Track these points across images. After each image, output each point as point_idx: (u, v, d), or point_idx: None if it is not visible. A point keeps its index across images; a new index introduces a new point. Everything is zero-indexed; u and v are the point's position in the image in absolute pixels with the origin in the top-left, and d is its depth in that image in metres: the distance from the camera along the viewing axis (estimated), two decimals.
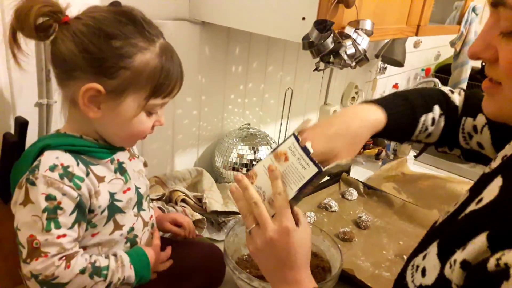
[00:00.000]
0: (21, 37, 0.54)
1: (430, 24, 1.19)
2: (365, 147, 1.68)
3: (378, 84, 1.87)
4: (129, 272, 0.62)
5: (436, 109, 0.69)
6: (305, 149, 0.56)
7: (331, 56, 0.82)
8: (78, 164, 0.57)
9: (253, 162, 1.10)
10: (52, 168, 0.54)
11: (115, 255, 0.62)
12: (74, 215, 0.55)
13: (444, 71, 2.16)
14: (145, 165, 0.72)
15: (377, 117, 0.64)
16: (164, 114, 0.63)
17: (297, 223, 0.57)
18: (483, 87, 0.46)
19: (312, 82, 1.45)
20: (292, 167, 0.58)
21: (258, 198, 0.57)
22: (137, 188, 0.66)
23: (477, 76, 2.18)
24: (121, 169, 0.63)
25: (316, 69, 0.88)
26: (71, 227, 0.55)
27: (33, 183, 0.54)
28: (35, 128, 0.78)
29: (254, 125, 1.27)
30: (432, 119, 0.69)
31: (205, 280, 0.79)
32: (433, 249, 0.46)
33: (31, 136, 0.78)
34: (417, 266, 0.48)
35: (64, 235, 0.55)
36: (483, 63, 0.47)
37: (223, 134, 1.18)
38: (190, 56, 0.99)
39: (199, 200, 0.99)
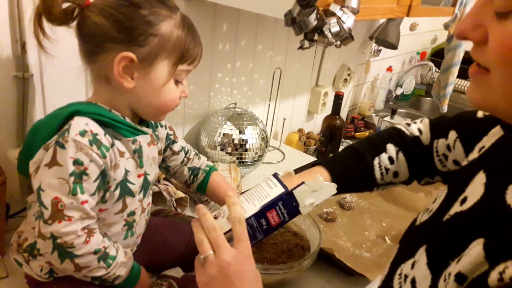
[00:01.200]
0: None
1: (424, 5, 1.17)
2: (356, 130, 1.68)
3: (372, 66, 1.85)
4: (123, 275, 0.63)
5: (390, 147, 0.70)
6: (275, 175, 0.58)
7: (316, 34, 0.81)
8: (105, 134, 0.58)
9: (241, 142, 1.09)
10: (83, 134, 0.55)
11: (126, 253, 0.64)
12: (97, 182, 0.57)
13: (439, 55, 2.13)
14: (160, 153, 0.73)
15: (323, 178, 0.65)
16: None
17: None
18: (469, 72, 0.41)
19: (304, 62, 1.43)
20: (259, 187, 0.59)
21: (215, 224, 0.54)
22: (146, 174, 0.67)
23: (471, 60, 2.15)
24: (140, 152, 0.64)
25: (300, 47, 0.87)
26: (93, 194, 0.57)
27: (62, 146, 0.54)
28: (13, 101, 0.77)
29: (242, 105, 1.26)
30: (388, 158, 0.69)
31: (186, 257, 0.79)
32: (422, 257, 0.44)
33: (11, 109, 0.77)
34: (406, 276, 0.46)
35: (86, 201, 0.56)
36: None
37: (210, 113, 1.17)
38: None
39: None
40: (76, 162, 0.54)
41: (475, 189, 0.43)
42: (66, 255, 0.56)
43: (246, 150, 1.11)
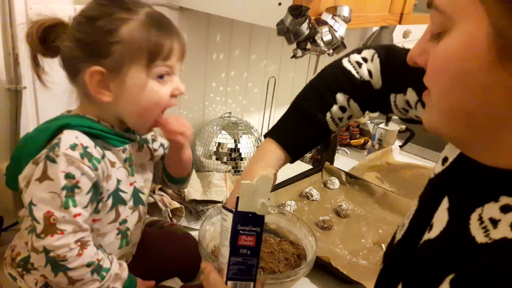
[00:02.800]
0: None
1: (416, 13, 1.18)
2: (351, 137, 1.68)
3: None
4: (118, 287, 0.62)
5: (340, 97, 0.65)
6: (223, 206, 0.59)
7: (308, 42, 0.81)
8: (95, 146, 0.58)
9: (236, 151, 1.09)
10: (73, 147, 0.55)
11: (120, 264, 0.63)
12: (90, 195, 0.57)
13: None
14: (152, 156, 0.72)
15: (276, 156, 0.65)
16: None
17: None
18: (423, 97, 0.41)
19: (298, 71, 1.44)
20: (221, 227, 0.60)
21: (218, 279, 0.58)
22: (135, 182, 0.67)
23: None
24: (130, 160, 0.64)
25: (293, 56, 0.87)
26: (86, 206, 0.57)
27: (53, 160, 0.54)
28: (5, 114, 0.77)
29: (237, 114, 1.26)
30: (340, 108, 0.65)
31: (180, 270, 0.78)
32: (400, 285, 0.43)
33: (4, 122, 0.77)
34: None
35: (79, 214, 0.56)
36: None
37: (204, 122, 1.17)
38: None
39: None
40: (68, 176, 0.54)
41: (441, 215, 0.42)
42: (59, 268, 0.56)
43: (241, 159, 1.11)
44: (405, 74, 0.60)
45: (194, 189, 1.00)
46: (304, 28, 0.75)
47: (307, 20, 0.75)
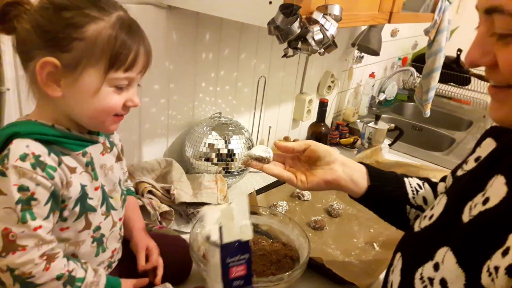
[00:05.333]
0: None
1: (404, 11, 1.18)
2: (341, 136, 1.69)
3: (355, 73, 1.86)
4: None
5: (415, 179, 0.76)
6: (208, 240, 0.57)
7: (299, 41, 0.80)
8: (49, 154, 0.54)
9: (227, 152, 1.08)
10: (23, 158, 0.52)
11: (95, 270, 0.61)
12: (49, 205, 0.54)
13: (420, 60, 2.17)
14: (119, 158, 0.69)
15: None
16: None
17: None
18: (490, 94, 0.46)
19: (288, 70, 1.43)
20: (210, 265, 0.59)
21: None
22: (102, 186, 0.64)
23: (452, 65, 2.20)
24: (92, 164, 0.61)
25: (284, 55, 0.86)
26: (47, 218, 0.54)
27: (3, 174, 0.51)
28: None
29: (227, 114, 1.25)
30: (417, 184, 0.74)
31: (171, 273, 0.76)
32: (448, 258, 0.46)
33: None
34: (431, 279, 0.47)
35: (40, 226, 0.53)
36: (458, 52, 0.47)
37: (194, 123, 1.15)
38: (155, 41, 0.93)
39: (167, 191, 0.97)
40: (21, 189, 0.51)
41: (497, 189, 0.46)
42: (28, 286, 0.53)
43: (232, 160, 1.09)
44: None
45: (184, 191, 0.98)
46: (295, 27, 0.74)
47: (298, 19, 0.74)
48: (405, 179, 0.74)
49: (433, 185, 0.74)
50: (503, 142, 0.54)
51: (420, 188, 0.73)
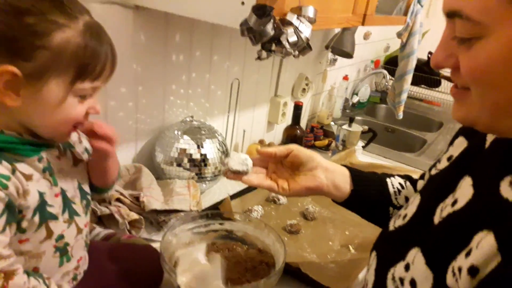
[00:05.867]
0: None
1: (377, 14, 1.19)
2: (315, 138, 1.68)
3: (329, 75, 1.87)
4: None
5: (397, 177, 0.76)
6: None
7: (273, 44, 0.78)
8: (0, 162, 0.50)
9: (199, 157, 1.04)
10: None
11: (59, 287, 0.57)
12: (4, 217, 0.49)
13: (392, 63, 2.21)
14: (77, 161, 0.64)
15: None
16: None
17: None
18: (452, 94, 0.47)
19: (262, 73, 1.41)
20: None
21: None
22: (63, 191, 0.60)
23: (423, 68, 2.25)
24: (49, 169, 0.57)
25: (258, 58, 0.84)
26: (2, 231, 0.49)
27: None
28: None
29: (200, 117, 1.22)
30: (398, 183, 0.74)
31: (140, 284, 0.73)
32: (418, 258, 0.46)
33: None
34: (401, 279, 0.48)
35: None
36: (429, 55, 0.48)
37: (164, 127, 1.11)
38: (121, 43, 0.91)
39: (136, 198, 0.93)
40: None
41: (464, 191, 0.47)
42: None
43: (205, 165, 1.06)
44: None
45: (154, 198, 0.94)
46: (269, 28, 0.72)
47: (272, 20, 0.72)
48: (387, 179, 0.74)
49: (414, 182, 0.74)
50: (473, 141, 0.54)
51: (402, 187, 0.73)
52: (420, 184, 0.71)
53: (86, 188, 0.65)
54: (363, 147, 1.62)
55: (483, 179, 0.46)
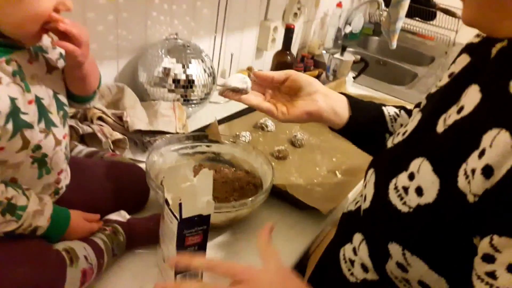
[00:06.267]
0: None
1: None
2: (305, 69, 1.63)
3: (322, 1, 1.76)
4: (43, 224, 0.54)
5: (390, 107, 0.74)
6: (168, 206, 0.55)
7: None
8: None
9: (185, 78, 0.99)
10: None
11: (40, 199, 0.55)
12: None
13: None
14: (51, 67, 0.58)
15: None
16: (71, 17, 0.51)
17: None
18: None
19: None
20: (165, 226, 0.58)
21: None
22: (38, 99, 0.55)
23: None
24: (20, 73, 0.51)
25: None
26: None
27: None
28: None
29: (185, 37, 1.14)
30: (394, 112, 0.73)
31: (126, 202, 0.71)
32: (423, 167, 0.46)
33: None
34: (405, 188, 0.48)
35: None
36: None
37: (148, 45, 1.04)
38: None
39: (120, 118, 0.89)
40: None
41: (471, 97, 0.46)
42: None
43: (191, 87, 1.01)
44: None
45: (138, 119, 0.90)
46: None
47: None
48: (383, 108, 0.73)
49: (409, 112, 0.73)
50: (477, 55, 0.53)
51: (397, 116, 0.72)
52: (416, 111, 0.69)
53: (63, 98, 0.60)
54: (354, 78, 1.58)
55: (491, 84, 0.45)
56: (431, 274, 0.44)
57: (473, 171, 0.40)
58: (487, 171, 0.38)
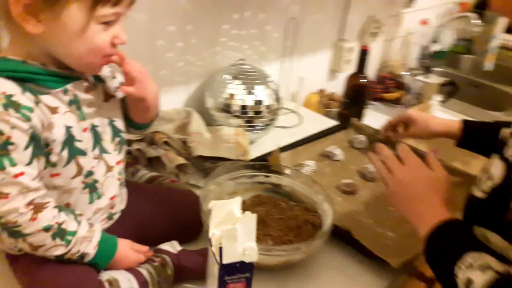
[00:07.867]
0: None
1: None
2: (385, 90, 1.51)
3: (404, 19, 1.64)
4: (91, 251, 0.56)
5: None
6: (210, 241, 0.52)
7: None
8: (23, 92, 0.49)
9: (250, 104, 0.97)
10: None
11: (90, 225, 0.57)
12: (30, 149, 0.49)
13: (483, 6, 1.88)
14: (108, 96, 0.61)
15: None
16: (142, 45, 0.55)
17: None
18: None
19: (325, 13, 1.26)
20: (209, 266, 0.55)
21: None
22: (93, 127, 0.58)
23: None
24: (77, 102, 0.55)
25: None
26: (29, 163, 0.50)
27: None
28: None
29: (254, 61, 1.12)
30: None
31: (179, 231, 0.70)
32: None
33: None
34: None
35: (22, 173, 0.49)
36: None
37: (215, 71, 1.04)
38: None
39: (184, 143, 0.90)
40: None
41: None
42: (15, 235, 0.51)
43: (256, 113, 0.99)
44: None
45: (202, 144, 0.90)
46: None
47: None
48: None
49: None
50: None
51: None
52: None
53: (119, 125, 0.63)
54: (442, 102, 1.42)
55: None
56: None
57: None
58: None
